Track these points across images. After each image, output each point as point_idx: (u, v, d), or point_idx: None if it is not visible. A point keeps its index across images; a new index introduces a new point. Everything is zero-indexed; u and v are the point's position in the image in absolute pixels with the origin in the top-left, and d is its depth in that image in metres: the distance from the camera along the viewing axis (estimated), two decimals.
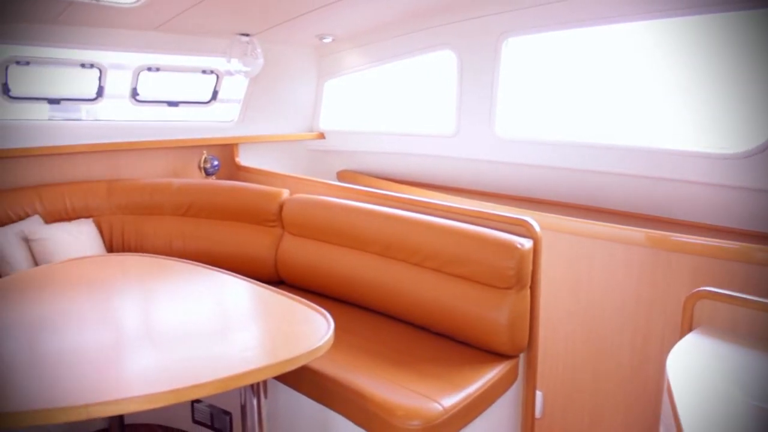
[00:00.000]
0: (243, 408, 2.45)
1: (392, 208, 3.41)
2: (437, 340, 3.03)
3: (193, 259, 3.36)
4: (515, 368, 2.90)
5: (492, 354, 2.88)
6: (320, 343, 2.21)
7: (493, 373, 2.73)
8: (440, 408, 2.41)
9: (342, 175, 5.39)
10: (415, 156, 4.85)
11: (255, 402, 2.41)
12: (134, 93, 4.51)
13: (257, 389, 2.40)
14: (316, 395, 2.70)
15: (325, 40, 4.72)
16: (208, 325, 2.54)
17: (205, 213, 4.05)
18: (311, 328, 2.37)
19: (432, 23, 4.37)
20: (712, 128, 3.45)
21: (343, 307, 3.39)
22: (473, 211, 3.17)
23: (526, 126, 4.25)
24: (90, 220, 3.94)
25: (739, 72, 3.30)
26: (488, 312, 2.85)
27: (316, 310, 2.53)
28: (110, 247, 4.01)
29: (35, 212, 3.84)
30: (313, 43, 4.85)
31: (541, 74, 4.22)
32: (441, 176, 4.80)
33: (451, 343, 3.01)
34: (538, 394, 3.55)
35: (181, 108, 4.78)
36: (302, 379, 2.73)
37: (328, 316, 2.45)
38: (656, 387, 3.21)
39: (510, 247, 2.82)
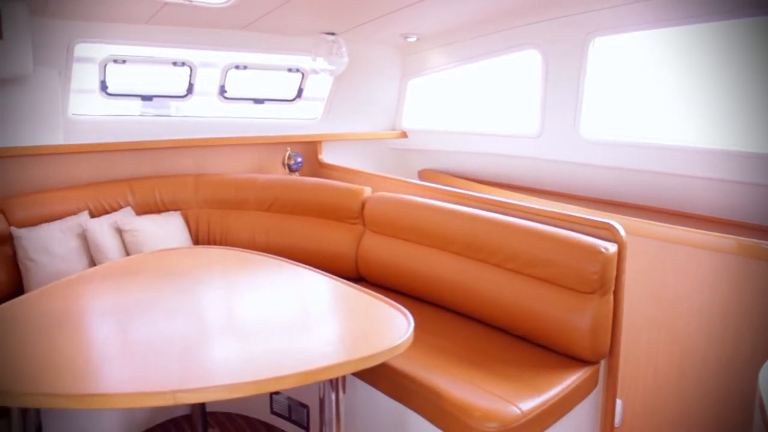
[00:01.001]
0: (321, 402, 2.48)
1: (473, 208, 3.39)
2: (516, 343, 3.00)
3: (275, 254, 3.43)
4: (595, 375, 2.84)
5: (572, 359, 2.83)
6: (400, 341, 2.22)
7: (572, 379, 2.68)
8: (518, 411, 2.38)
9: (423, 174, 5.39)
10: (497, 156, 4.81)
11: (333, 396, 2.44)
12: (222, 90, 4.64)
13: (336, 384, 2.42)
14: (393, 393, 2.71)
15: (409, 40, 4.73)
16: (289, 318, 2.60)
17: (288, 209, 4.12)
18: (391, 326, 2.38)
19: (517, 23, 4.32)
20: None
21: (421, 305, 3.39)
22: (556, 213, 3.12)
23: (611, 127, 4.16)
24: (178, 213, 4.08)
25: None
26: (569, 316, 2.81)
27: (397, 308, 2.54)
28: (196, 240, 4.13)
29: (127, 204, 4.00)
30: (397, 42, 4.87)
31: (625, 74, 4.13)
32: (523, 177, 4.75)
33: (529, 345, 2.97)
34: (618, 402, 3.47)
35: (267, 105, 4.88)
36: (380, 376, 2.74)
37: (408, 314, 2.46)
38: (746, 403, 3.07)
39: (594, 251, 2.76)
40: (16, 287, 3.49)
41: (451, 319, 3.27)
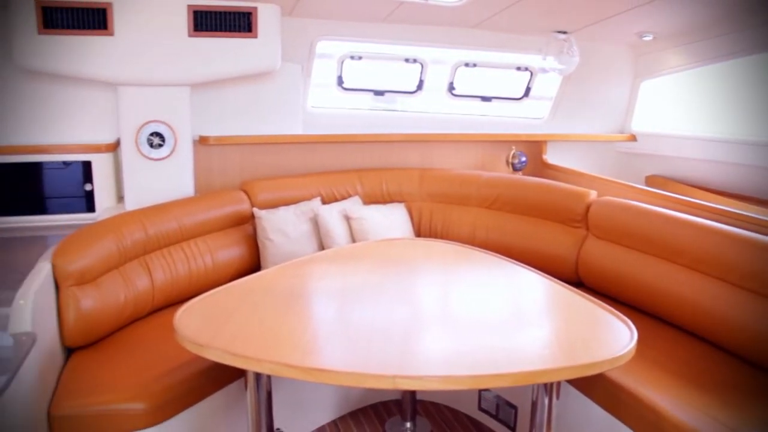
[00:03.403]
0: (533, 405, 2.45)
1: (707, 220, 3.18)
2: (747, 368, 2.75)
3: (493, 251, 3.44)
4: None
5: None
6: (622, 353, 2.13)
7: None
8: None
9: (651, 180, 5.12)
10: (735, 165, 4.45)
11: (546, 401, 2.40)
12: (450, 87, 4.72)
13: (550, 389, 2.38)
14: (608, 405, 2.61)
15: (644, 38, 4.50)
16: (505, 316, 2.59)
17: (510, 207, 4.11)
18: (612, 335, 2.30)
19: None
20: None
21: (643, 317, 3.23)
22: None
23: None
24: (402, 205, 4.22)
25: None
26: None
27: (619, 317, 2.44)
28: (418, 231, 4.25)
29: (356, 193, 4.22)
30: (631, 41, 4.66)
31: None
32: (765, 189, 4.35)
33: (763, 373, 2.72)
34: None
35: (494, 103, 4.89)
36: (595, 385, 2.66)
37: (632, 325, 2.36)
38: None
39: None
40: (255, 262, 3.85)
41: (674, 334, 3.08)
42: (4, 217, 3.84)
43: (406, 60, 4.58)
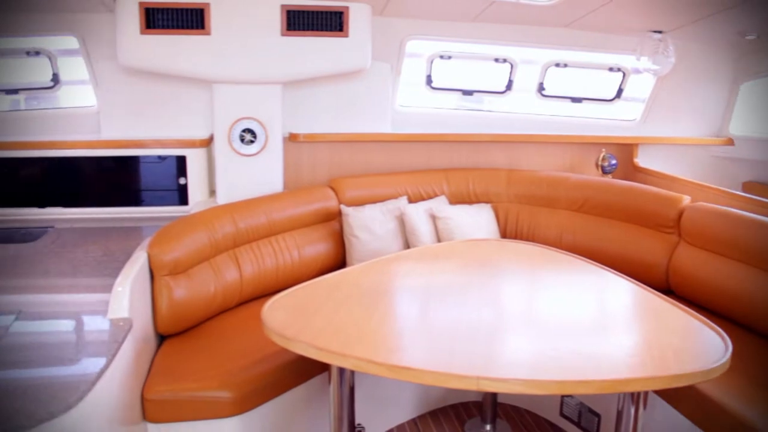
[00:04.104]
0: (619, 414, 2.40)
1: None
2: None
3: (580, 254, 3.39)
4: None
5: None
6: (715, 365, 2.06)
7: None
8: None
9: (748, 187, 4.91)
10: None
11: (632, 411, 2.34)
12: (540, 88, 4.66)
13: (637, 398, 2.33)
14: (698, 419, 2.53)
15: (747, 37, 4.32)
16: (592, 321, 2.54)
17: (598, 211, 4.02)
18: (705, 347, 2.23)
19: None
20: None
21: (738, 330, 3.10)
22: None
23: None
24: (488, 206, 4.19)
25: None
26: None
27: (713, 328, 2.36)
28: (504, 233, 4.22)
29: (442, 193, 4.22)
30: (731, 41, 4.48)
31: None
32: None
33: None
34: None
35: (584, 104, 4.80)
36: (684, 398, 2.58)
37: (726, 337, 2.27)
38: None
39: None
40: (340, 258, 3.92)
41: None
42: (105, 208, 4.03)
43: (496, 60, 4.55)
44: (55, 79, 4.21)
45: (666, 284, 3.62)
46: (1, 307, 2.58)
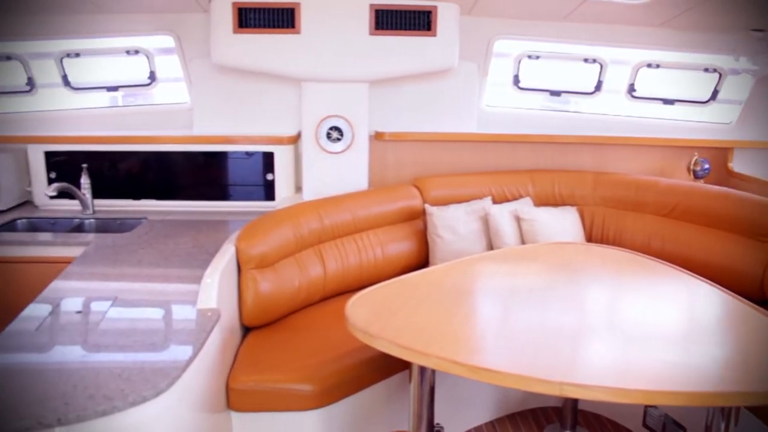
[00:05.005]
0: (707, 429, 2.33)
1: None
2: None
3: (669, 261, 3.30)
4: None
5: None
6: None
7: None
8: None
9: None
10: None
11: (722, 426, 2.27)
12: (631, 89, 4.55)
13: (728, 413, 2.25)
14: None
15: None
16: (681, 331, 2.46)
17: (689, 217, 3.89)
18: None
19: None
20: None
21: None
22: None
23: None
24: (574, 208, 4.12)
25: None
26: None
27: None
28: (589, 237, 4.14)
29: (527, 194, 4.18)
30: None
31: None
32: None
33: None
34: None
35: (676, 106, 4.66)
36: None
37: None
38: None
39: None
40: (423, 257, 3.94)
41: None
42: (195, 202, 4.17)
43: (585, 60, 4.46)
44: (152, 76, 4.38)
45: (762, 295, 3.47)
46: (99, 292, 2.71)
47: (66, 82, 4.39)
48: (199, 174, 4.20)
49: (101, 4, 3.87)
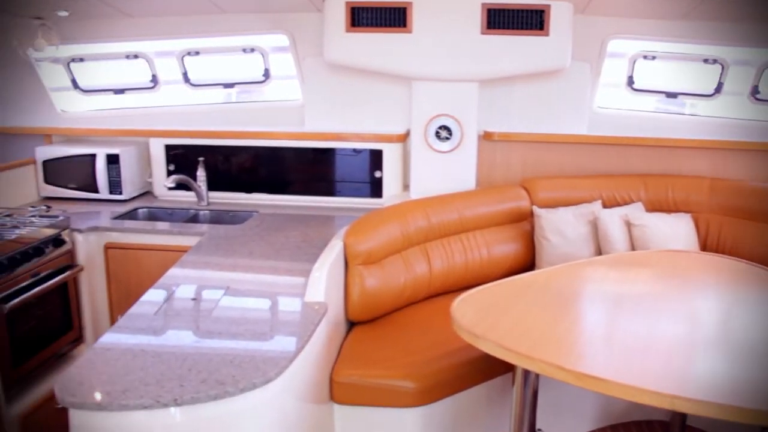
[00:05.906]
0: None
1: None
2: None
3: None
4: None
5: None
6: None
7: None
8: None
9: None
10: None
11: None
12: (754, 91, 4.33)
13: None
14: None
15: None
16: None
17: None
18: None
19: None
20: None
21: None
22: None
23: None
24: (688, 215, 3.95)
25: None
26: None
27: None
28: (704, 246, 3.96)
29: (639, 199, 4.04)
30: None
31: None
32: None
33: None
34: None
35: None
36: None
37: None
38: None
39: None
40: (530, 260, 3.90)
41: None
42: (303, 197, 4.29)
43: (705, 60, 4.28)
44: (266, 74, 4.53)
45: None
46: (212, 281, 2.82)
47: (186, 78, 4.60)
48: (308, 169, 4.31)
49: (221, 5, 4.03)
